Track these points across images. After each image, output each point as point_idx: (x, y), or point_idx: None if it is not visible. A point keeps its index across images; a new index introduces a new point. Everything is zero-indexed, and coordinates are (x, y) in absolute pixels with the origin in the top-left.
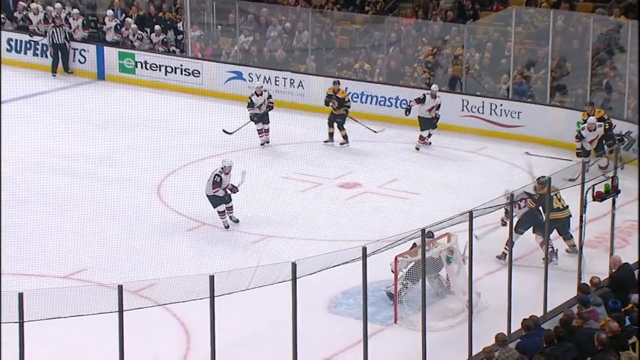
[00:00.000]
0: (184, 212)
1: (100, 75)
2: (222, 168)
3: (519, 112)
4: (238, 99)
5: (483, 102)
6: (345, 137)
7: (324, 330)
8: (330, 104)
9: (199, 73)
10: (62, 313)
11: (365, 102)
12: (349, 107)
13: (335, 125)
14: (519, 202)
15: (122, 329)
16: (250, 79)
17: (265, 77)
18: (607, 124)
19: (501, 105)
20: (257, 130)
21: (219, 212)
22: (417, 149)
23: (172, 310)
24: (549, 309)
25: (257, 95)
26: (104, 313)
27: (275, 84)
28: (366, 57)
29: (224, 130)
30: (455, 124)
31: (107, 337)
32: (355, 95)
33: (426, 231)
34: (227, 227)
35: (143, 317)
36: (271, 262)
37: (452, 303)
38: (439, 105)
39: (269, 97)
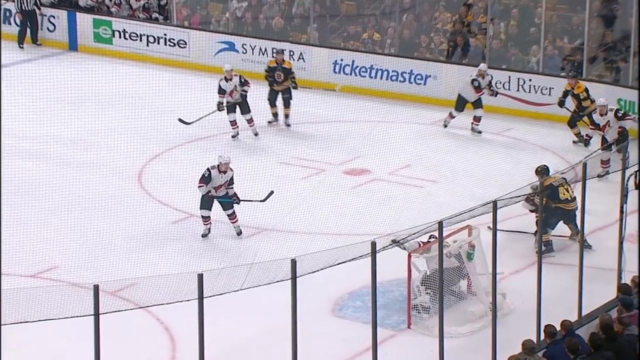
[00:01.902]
0: (169, 202)
1: (73, 46)
2: (219, 164)
3: (550, 88)
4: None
5: (509, 77)
6: (286, 116)
7: (328, 337)
8: (276, 76)
9: (185, 44)
10: (29, 317)
11: (375, 77)
12: (295, 80)
13: (281, 103)
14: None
15: (98, 335)
16: (244, 51)
17: (261, 49)
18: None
19: (530, 80)
20: (230, 122)
21: (202, 216)
22: (444, 125)
23: (156, 314)
24: (584, 312)
25: (227, 81)
26: (77, 317)
27: (272, 56)
28: (376, 26)
29: (180, 120)
30: (456, 100)
31: (82, 344)
32: (364, 70)
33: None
34: (204, 235)
35: (122, 322)
36: (268, 258)
37: (474, 305)
38: (490, 83)
39: (243, 83)
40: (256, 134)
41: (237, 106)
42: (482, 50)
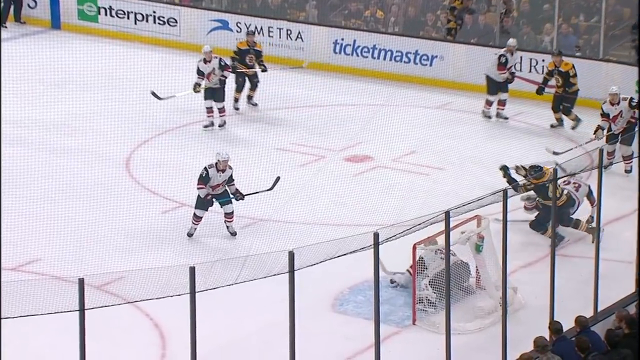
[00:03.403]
0: (159, 190)
1: (55, 24)
2: (217, 162)
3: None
4: (223, 54)
5: (521, 57)
6: (251, 97)
7: (328, 334)
8: (247, 59)
9: (176, 22)
10: (10, 313)
11: (378, 58)
12: (264, 63)
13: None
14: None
15: (84, 332)
16: (239, 29)
17: (256, 27)
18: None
19: (543, 61)
20: (206, 108)
21: (195, 214)
22: (488, 117)
23: (145, 309)
24: (600, 308)
25: (205, 62)
26: (61, 312)
27: (269, 36)
28: (379, 3)
29: (152, 93)
30: (486, 83)
31: (66, 342)
32: (366, 50)
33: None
34: (189, 234)
35: (109, 317)
36: (264, 250)
37: (483, 300)
38: (513, 65)
39: (222, 67)
40: (221, 125)
41: (215, 92)
42: (492, 28)
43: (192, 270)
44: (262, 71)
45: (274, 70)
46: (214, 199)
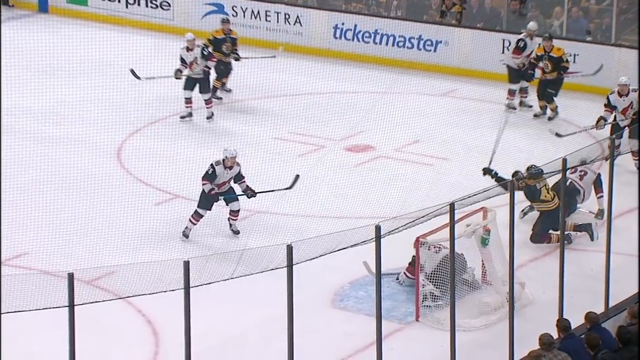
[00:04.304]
0: (151, 181)
1: (43, 7)
2: (224, 159)
3: (575, 55)
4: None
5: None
6: (224, 84)
7: (328, 330)
8: (224, 48)
9: (169, 5)
10: None
11: (380, 43)
12: (238, 52)
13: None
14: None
15: (73, 329)
16: (234, 14)
17: (253, 11)
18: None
19: (539, 44)
20: (185, 98)
21: (197, 212)
22: (513, 108)
23: (137, 305)
24: (611, 304)
25: (188, 50)
26: (50, 308)
27: (266, 20)
28: None
29: (131, 71)
30: (493, 70)
31: (55, 339)
32: (367, 35)
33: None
34: (185, 235)
35: (100, 314)
36: (261, 244)
37: (489, 296)
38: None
39: (206, 56)
40: (209, 117)
41: (197, 83)
42: (499, 12)
43: (187, 264)
44: (235, 60)
45: (271, 57)
46: (219, 196)
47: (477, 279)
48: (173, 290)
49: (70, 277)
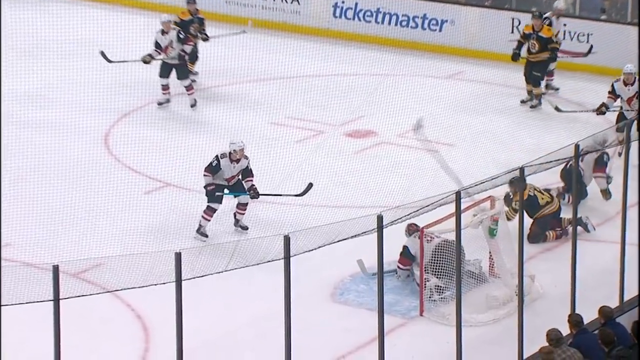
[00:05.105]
0: (141, 168)
1: None
2: (231, 152)
3: (588, 35)
4: (214, 19)
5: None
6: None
7: (327, 326)
8: (192, 29)
9: None
10: None
11: (382, 23)
12: (205, 32)
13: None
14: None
15: (59, 323)
16: None
17: None
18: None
19: (565, 25)
20: (161, 85)
21: (209, 206)
22: (555, 88)
23: (126, 299)
24: (626, 297)
25: (163, 34)
26: (34, 302)
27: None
28: None
29: (102, 53)
30: (502, 51)
31: (40, 334)
32: (369, 14)
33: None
34: (204, 234)
35: (87, 308)
36: (257, 235)
37: (497, 289)
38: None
39: (182, 40)
40: (193, 105)
41: (173, 68)
42: None
43: (178, 256)
44: (204, 40)
45: (267, 35)
46: (224, 190)
47: (484, 272)
48: (164, 283)
49: (55, 269)
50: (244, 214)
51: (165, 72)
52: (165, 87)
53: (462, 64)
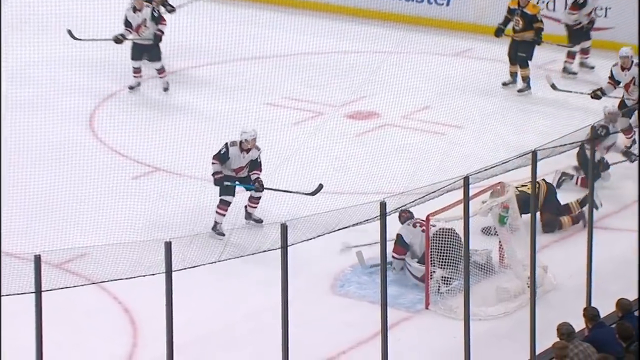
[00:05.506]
0: (128, 152)
1: None
2: (242, 141)
3: (606, 8)
4: None
5: None
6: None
7: (327, 319)
8: (154, 2)
9: None
10: None
11: None
12: (170, 4)
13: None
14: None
15: (41, 317)
16: None
17: None
18: None
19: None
20: (133, 68)
21: (223, 200)
22: (572, 73)
23: (113, 292)
24: None
25: (135, 11)
26: (14, 295)
27: None
28: None
29: (68, 32)
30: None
31: (21, 329)
32: None
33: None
34: (220, 233)
35: (71, 301)
36: (252, 223)
37: (508, 281)
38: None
39: (156, 19)
40: (166, 89)
41: (146, 50)
42: None
43: (168, 245)
44: (170, 12)
45: (262, 10)
46: (235, 181)
47: (493, 262)
48: (153, 274)
49: (37, 259)
50: (256, 207)
51: (137, 54)
52: (137, 70)
53: (471, 40)
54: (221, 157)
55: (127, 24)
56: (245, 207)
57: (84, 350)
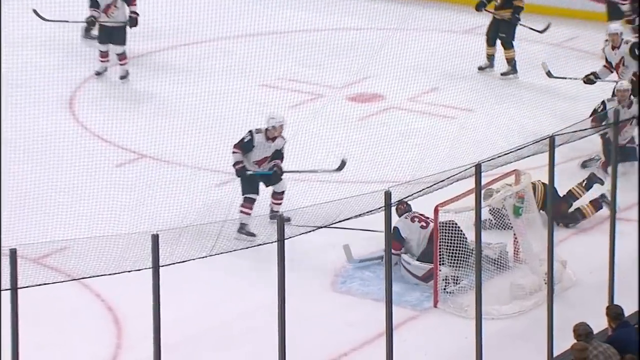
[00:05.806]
0: (112, 138)
1: None
2: (268, 128)
3: None
4: None
5: None
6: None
7: (327, 318)
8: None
9: None
10: None
11: None
12: None
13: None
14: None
15: (17, 316)
16: None
17: None
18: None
19: None
20: (100, 51)
21: (247, 197)
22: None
23: (95, 289)
24: None
25: None
26: None
27: None
28: None
29: (34, 12)
30: (530, 0)
31: None
32: None
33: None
34: (250, 234)
35: (50, 298)
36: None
37: (523, 277)
38: None
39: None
40: (124, 77)
41: (112, 32)
42: None
43: (155, 238)
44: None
45: None
46: (257, 176)
47: (508, 257)
48: (139, 270)
49: (13, 253)
50: (280, 203)
51: (104, 37)
52: (104, 54)
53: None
54: (244, 145)
55: (94, 4)
56: (270, 205)
57: (64, 351)
